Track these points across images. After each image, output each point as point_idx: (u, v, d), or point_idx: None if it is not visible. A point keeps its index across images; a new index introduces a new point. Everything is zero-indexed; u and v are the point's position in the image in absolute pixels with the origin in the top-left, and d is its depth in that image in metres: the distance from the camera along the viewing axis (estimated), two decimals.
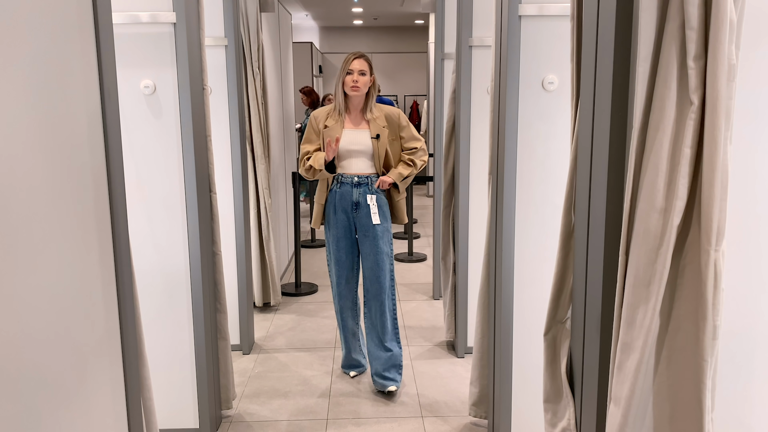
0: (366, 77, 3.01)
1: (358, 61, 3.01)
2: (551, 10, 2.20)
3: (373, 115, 3.07)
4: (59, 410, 1.15)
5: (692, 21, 0.96)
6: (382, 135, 3.04)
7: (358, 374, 3.36)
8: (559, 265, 1.48)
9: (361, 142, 3.04)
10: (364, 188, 3.07)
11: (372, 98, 3.07)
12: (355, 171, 3.06)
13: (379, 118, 3.07)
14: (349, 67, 2.99)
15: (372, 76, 3.06)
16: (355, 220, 3.09)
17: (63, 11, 1.20)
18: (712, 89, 0.94)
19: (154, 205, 2.50)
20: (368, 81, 3.03)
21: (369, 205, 3.06)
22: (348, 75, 2.99)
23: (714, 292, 0.97)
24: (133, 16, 2.37)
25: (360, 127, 3.07)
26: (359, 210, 3.08)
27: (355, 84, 2.98)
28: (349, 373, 3.36)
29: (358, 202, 3.07)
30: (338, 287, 3.20)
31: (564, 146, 2.25)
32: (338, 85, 3.03)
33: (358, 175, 3.06)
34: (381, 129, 3.05)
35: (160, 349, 2.58)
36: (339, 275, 3.18)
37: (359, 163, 3.07)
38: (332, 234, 3.13)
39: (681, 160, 0.98)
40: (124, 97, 2.42)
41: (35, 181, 1.07)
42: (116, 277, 1.43)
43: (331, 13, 10.27)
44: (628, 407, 1.06)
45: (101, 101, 1.37)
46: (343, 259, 3.15)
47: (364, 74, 3.00)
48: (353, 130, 3.06)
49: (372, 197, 3.07)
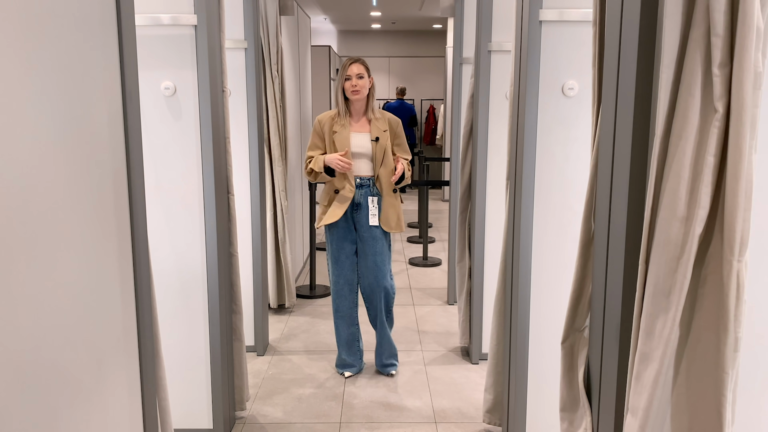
0: (364, 80, 3.10)
1: (356, 65, 3.10)
2: (572, 16, 2.19)
3: (375, 116, 3.16)
4: (77, 408, 1.16)
5: (718, 28, 0.94)
6: (381, 138, 3.12)
7: (352, 375, 3.38)
8: (578, 272, 1.47)
9: (363, 144, 3.13)
10: (366, 190, 3.14)
11: (372, 98, 3.17)
12: (356, 173, 3.14)
13: (380, 120, 3.16)
14: (347, 73, 3.09)
15: (370, 78, 3.15)
16: (355, 221, 3.17)
17: (86, 13, 1.21)
18: (737, 97, 0.93)
19: (172, 206, 2.52)
20: (367, 83, 3.12)
21: (369, 207, 3.13)
22: (347, 81, 3.09)
23: (736, 303, 0.95)
24: (155, 18, 2.40)
25: (363, 130, 3.16)
26: (360, 211, 3.15)
27: (354, 88, 3.07)
28: (343, 373, 3.38)
29: (359, 203, 3.14)
30: (336, 286, 3.27)
31: (583, 152, 2.23)
32: (338, 90, 3.13)
33: (360, 177, 3.14)
34: (381, 132, 3.13)
35: (175, 349, 2.60)
36: (337, 275, 3.25)
37: (361, 165, 3.14)
38: (332, 234, 3.19)
39: (704, 169, 0.97)
40: (144, 99, 2.44)
41: (56, 182, 1.08)
42: (134, 277, 1.45)
43: (350, 16, 10.30)
44: (646, 418, 1.04)
45: (123, 102, 1.38)
46: (342, 260, 3.22)
47: (362, 77, 3.10)
48: (357, 133, 3.15)
49: (373, 199, 3.14)
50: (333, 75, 9.26)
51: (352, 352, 3.38)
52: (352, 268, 3.25)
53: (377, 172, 3.13)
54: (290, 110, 4.64)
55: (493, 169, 3.32)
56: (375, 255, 3.19)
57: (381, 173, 3.13)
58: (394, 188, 3.16)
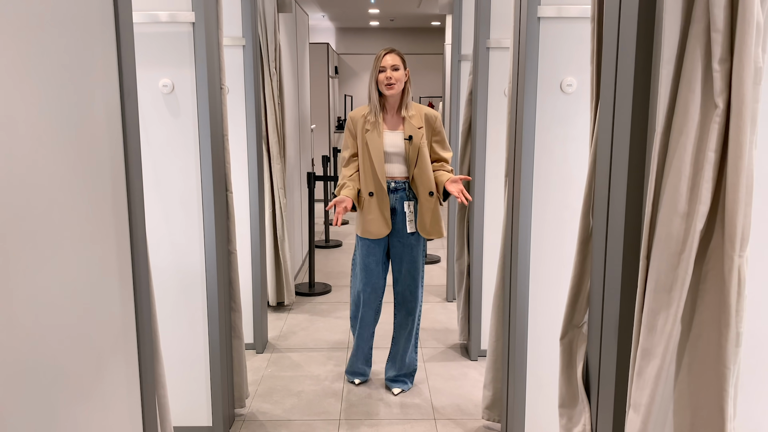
0: (400, 71, 2.84)
1: (390, 56, 2.84)
2: (570, 12, 2.18)
3: (409, 113, 2.90)
4: (75, 406, 1.16)
5: (718, 23, 0.94)
6: (415, 136, 2.87)
7: (362, 382, 3.25)
8: (576, 268, 1.47)
9: (397, 144, 2.89)
10: (402, 194, 2.93)
11: (408, 94, 2.91)
12: (390, 175, 2.92)
13: (415, 117, 2.90)
14: (380, 65, 2.83)
15: (406, 70, 2.88)
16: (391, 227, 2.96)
17: (84, 11, 1.21)
18: (737, 93, 0.93)
19: (170, 204, 2.51)
20: (403, 76, 2.86)
21: (405, 212, 2.94)
22: (381, 72, 2.83)
23: (737, 298, 0.95)
24: (153, 15, 2.39)
25: (397, 128, 2.92)
26: (395, 217, 2.95)
27: (389, 81, 2.82)
28: (354, 380, 3.25)
29: (394, 208, 2.94)
30: (363, 294, 3.05)
31: (582, 149, 2.23)
32: (372, 84, 2.88)
33: (395, 180, 2.92)
34: (416, 130, 2.88)
35: (174, 347, 2.60)
36: (365, 282, 3.02)
37: (396, 167, 2.92)
38: (364, 239, 2.99)
39: (705, 164, 0.97)
40: (142, 96, 2.44)
41: (54, 180, 1.08)
42: (133, 275, 1.44)
43: (348, 14, 10.29)
44: (648, 414, 1.04)
45: (120, 100, 1.38)
46: (372, 267, 3.00)
47: (397, 69, 2.83)
48: (391, 132, 2.91)
49: (409, 204, 2.93)
50: (331, 72, 9.24)
51: (366, 360, 3.22)
52: (380, 276, 3.03)
53: (411, 174, 2.90)
54: (288, 107, 4.63)
55: (491, 166, 3.32)
56: (410, 263, 2.99)
57: (416, 174, 2.88)
58: (431, 191, 2.90)
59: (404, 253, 2.99)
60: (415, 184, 2.91)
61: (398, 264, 3.02)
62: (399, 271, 3.03)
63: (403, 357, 3.16)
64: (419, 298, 3.08)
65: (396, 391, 3.15)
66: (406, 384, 3.19)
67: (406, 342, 3.14)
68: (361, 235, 2.98)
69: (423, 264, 3.06)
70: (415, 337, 3.16)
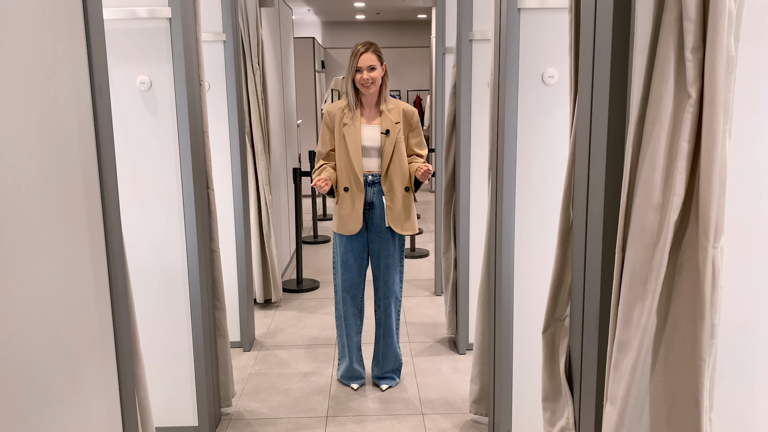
0: (377, 71, 2.84)
1: (367, 55, 2.83)
2: (551, 3, 2.17)
3: (387, 107, 2.91)
4: (49, 411, 1.14)
5: (690, 12, 0.93)
6: (392, 131, 2.87)
7: (359, 386, 3.17)
8: (557, 261, 1.46)
9: (375, 138, 2.89)
10: (379, 187, 2.92)
11: (386, 87, 2.91)
12: (368, 169, 2.92)
13: (393, 111, 2.91)
14: (357, 65, 2.83)
15: (383, 66, 2.88)
16: (368, 221, 2.97)
17: (50, 8, 1.18)
18: (710, 82, 0.92)
19: (150, 202, 2.48)
20: (379, 74, 2.86)
21: (384, 206, 2.93)
22: (357, 73, 2.84)
23: (712, 290, 0.95)
24: (129, 11, 2.35)
25: (375, 122, 2.92)
26: (373, 211, 2.95)
27: (366, 83, 2.83)
28: (351, 385, 3.16)
29: (372, 202, 2.94)
30: (343, 291, 3.05)
31: (564, 141, 2.23)
32: (348, 81, 2.88)
33: (372, 174, 2.92)
34: (393, 125, 2.88)
35: (158, 347, 2.57)
36: (345, 279, 3.02)
37: (374, 161, 2.91)
38: (341, 235, 2.99)
39: (678, 155, 0.96)
40: (119, 93, 2.40)
41: (24, 180, 1.05)
42: (109, 275, 1.42)
43: (333, 7, 10.23)
44: (625, 407, 1.04)
45: (92, 98, 1.35)
46: (351, 263, 3.00)
47: (374, 69, 2.83)
48: (369, 125, 2.91)
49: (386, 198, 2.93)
50: (318, 67, 9.19)
51: (358, 360, 3.17)
52: (360, 272, 3.03)
53: (385, 168, 2.88)
54: (273, 103, 4.60)
55: (476, 159, 3.31)
56: (388, 257, 2.98)
57: (391, 169, 2.88)
58: (406, 186, 2.91)
59: (382, 247, 2.99)
60: (390, 180, 2.90)
61: (376, 259, 3.02)
62: (377, 267, 3.03)
63: (386, 353, 3.15)
64: (399, 293, 3.08)
65: (384, 388, 3.14)
66: (393, 380, 3.18)
67: (389, 337, 3.12)
68: (336, 231, 2.99)
69: (402, 258, 3.05)
70: (396, 332, 3.15)
